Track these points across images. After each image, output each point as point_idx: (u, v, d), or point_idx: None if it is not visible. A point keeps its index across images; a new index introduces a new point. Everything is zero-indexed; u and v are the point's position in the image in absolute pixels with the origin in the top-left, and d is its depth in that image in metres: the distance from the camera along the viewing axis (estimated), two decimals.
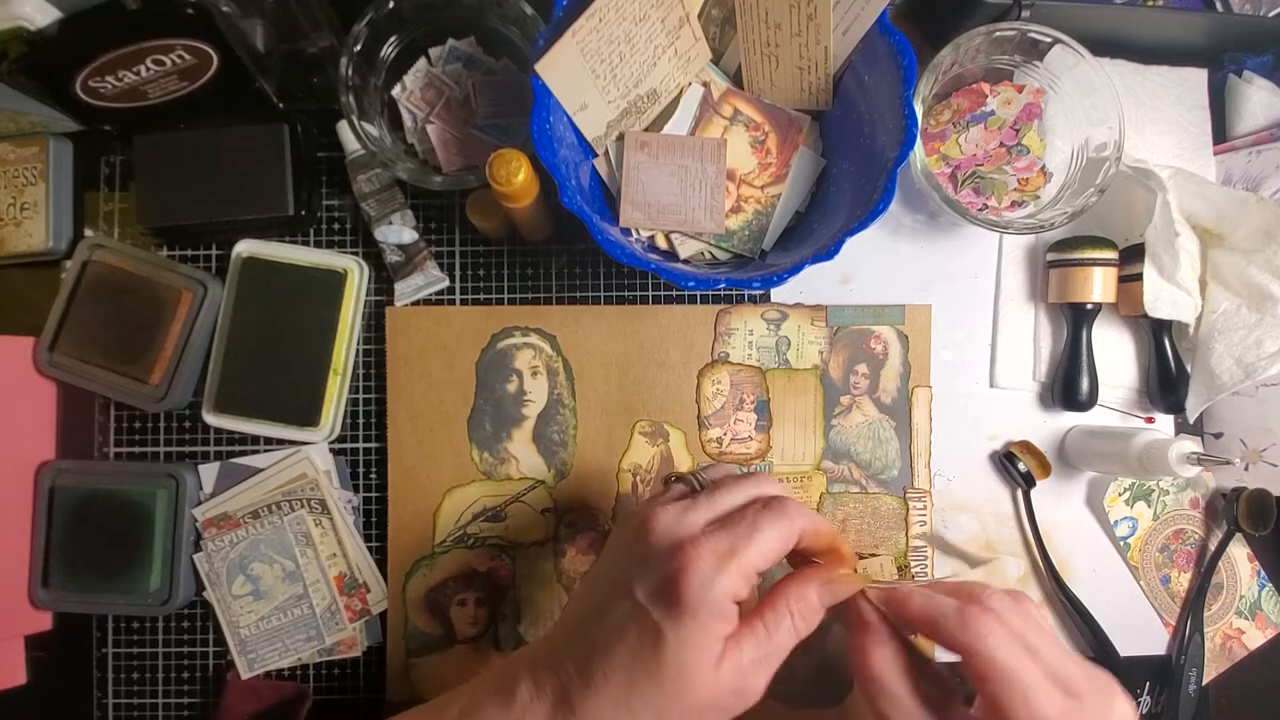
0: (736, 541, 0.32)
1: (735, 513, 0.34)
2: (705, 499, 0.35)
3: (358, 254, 0.55)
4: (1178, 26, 0.56)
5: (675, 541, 0.33)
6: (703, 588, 0.31)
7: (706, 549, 0.32)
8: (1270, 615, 0.58)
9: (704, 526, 0.34)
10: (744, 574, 0.32)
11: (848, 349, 0.56)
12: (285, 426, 0.53)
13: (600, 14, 0.43)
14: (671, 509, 0.34)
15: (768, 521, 0.33)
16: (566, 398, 0.55)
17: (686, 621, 0.31)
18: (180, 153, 0.52)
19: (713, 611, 0.31)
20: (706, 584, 0.31)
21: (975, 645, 0.30)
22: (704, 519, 0.34)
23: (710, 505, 0.35)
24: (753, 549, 0.32)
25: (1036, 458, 0.56)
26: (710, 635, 0.31)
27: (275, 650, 0.53)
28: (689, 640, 0.31)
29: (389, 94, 0.54)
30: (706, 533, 0.33)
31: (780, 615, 0.33)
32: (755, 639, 0.32)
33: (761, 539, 0.33)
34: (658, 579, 0.32)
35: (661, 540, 0.33)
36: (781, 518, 0.34)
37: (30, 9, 0.42)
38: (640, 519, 0.35)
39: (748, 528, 0.33)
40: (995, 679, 0.30)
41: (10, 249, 0.53)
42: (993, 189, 0.55)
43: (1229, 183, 0.57)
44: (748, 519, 0.33)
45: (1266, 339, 0.51)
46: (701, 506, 0.35)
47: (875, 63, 0.47)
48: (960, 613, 0.31)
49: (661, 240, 0.53)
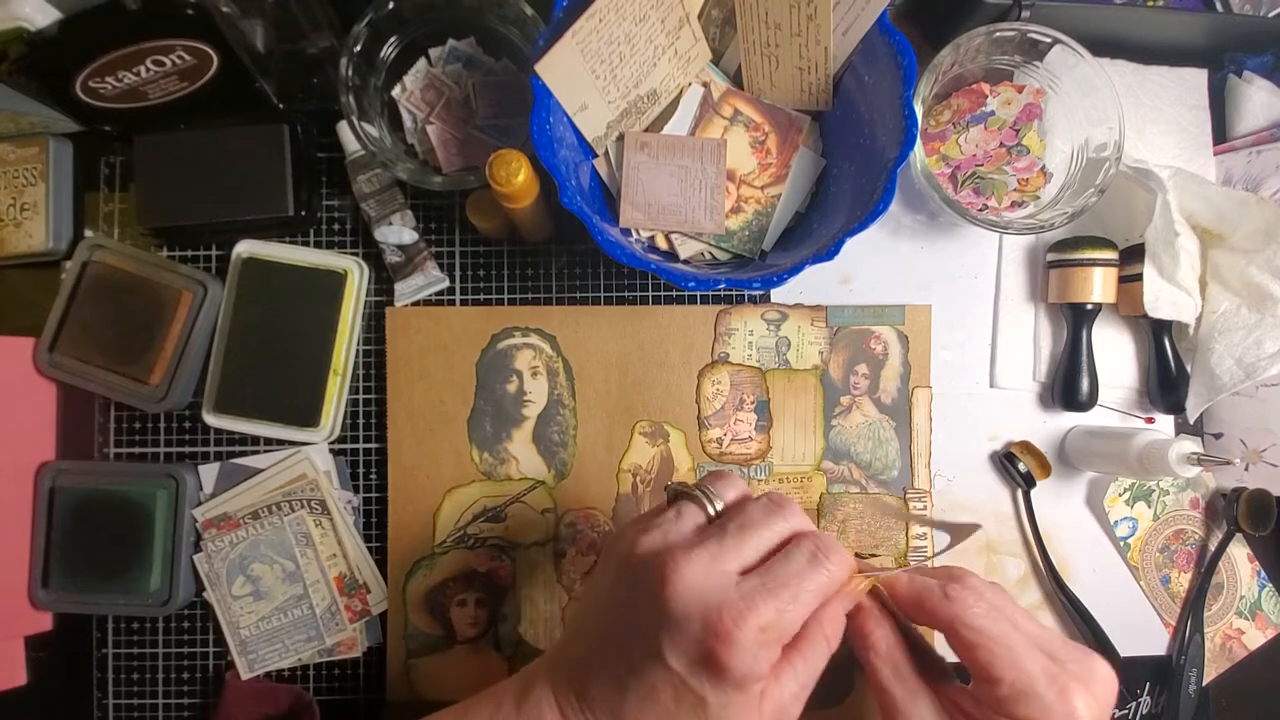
0: (781, 612, 0.30)
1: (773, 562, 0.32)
2: (732, 542, 0.32)
3: (358, 254, 0.55)
4: (1178, 26, 0.56)
5: (711, 606, 0.30)
6: (749, 665, 0.29)
7: (750, 625, 0.29)
8: (1270, 615, 0.58)
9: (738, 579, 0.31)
10: (784, 641, 0.31)
11: (848, 349, 0.56)
12: (285, 427, 0.53)
13: (600, 14, 0.43)
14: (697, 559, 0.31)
15: (811, 582, 0.31)
16: (566, 398, 0.55)
17: (730, 692, 0.30)
18: (180, 153, 0.52)
19: (757, 680, 0.30)
20: (752, 661, 0.29)
21: (960, 615, 0.32)
22: (734, 570, 0.31)
23: (738, 550, 0.32)
24: (796, 617, 0.31)
25: (1036, 458, 0.56)
26: (751, 696, 0.31)
27: (275, 651, 0.53)
28: (732, 704, 0.30)
29: (389, 94, 0.54)
30: (744, 598, 0.30)
31: (816, 642, 0.32)
32: (794, 672, 0.32)
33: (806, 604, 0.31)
34: (696, 651, 0.30)
35: (694, 603, 0.30)
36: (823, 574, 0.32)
37: (30, 9, 0.41)
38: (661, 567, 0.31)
39: (792, 594, 0.31)
40: (982, 645, 0.31)
41: (10, 249, 0.53)
42: (993, 189, 0.55)
43: (1229, 183, 0.57)
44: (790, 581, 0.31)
45: (1266, 339, 0.51)
46: (729, 552, 0.32)
47: (875, 63, 0.47)
48: (943, 588, 0.33)
49: (661, 240, 0.53)
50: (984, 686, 0.32)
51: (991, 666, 0.31)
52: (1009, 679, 0.30)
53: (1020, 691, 0.30)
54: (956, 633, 0.32)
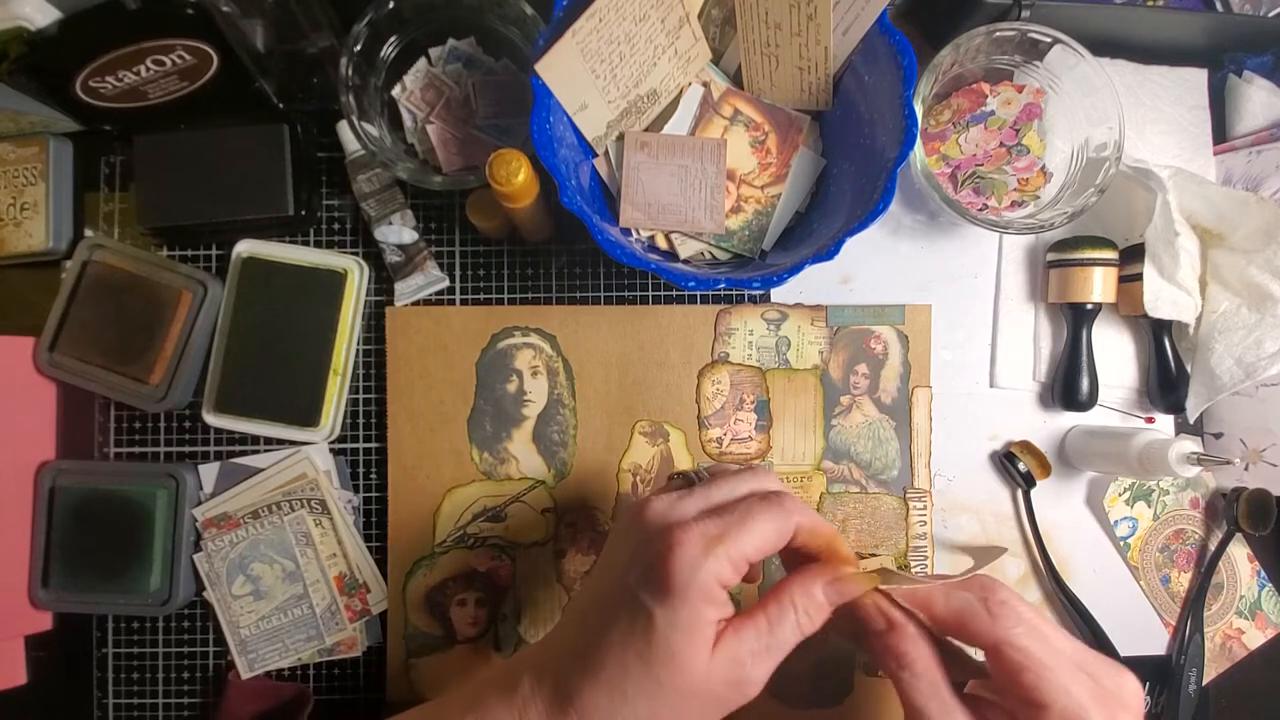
0: (727, 527, 0.32)
1: (730, 503, 0.34)
2: (701, 490, 0.35)
3: (358, 254, 0.55)
4: (1178, 26, 0.56)
5: (665, 525, 0.32)
6: (690, 570, 0.31)
7: (695, 532, 0.32)
8: (1270, 615, 0.58)
9: (696, 514, 0.33)
10: (733, 561, 0.31)
11: (848, 349, 0.56)
12: (285, 426, 0.53)
13: (600, 14, 0.43)
14: (666, 498, 0.34)
15: (761, 511, 0.33)
16: (566, 398, 0.55)
17: (674, 604, 0.30)
18: (180, 153, 0.52)
19: (701, 595, 0.31)
20: (694, 566, 0.31)
21: (1007, 636, 0.31)
22: (697, 507, 0.34)
23: (705, 495, 0.35)
24: (743, 536, 0.32)
25: (1036, 458, 0.56)
26: (700, 619, 0.31)
27: (275, 650, 0.53)
28: (678, 623, 0.30)
29: (389, 94, 0.54)
30: (696, 517, 0.33)
31: (784, 609, 0.32)
32: (755, 630, 0.32)
33: (753, 526, 0.32)
34: (647, 562, 0.32)
35: (652, 525, 0.33)
36: (777, 509, 0.33)
37: (30, 9, 0.42)
38: (635, 508, 0.35)
39: (740, 515, 0.33)
40: (1029, 669, 0.31)
41: (10, 249, 0.53)
42: (993, 189, 0.55)
43: (1229, 183, 0.57)
44: (741, 508, 0.33)
45: (1266, 339, 0.51)
46: (696, 496, 0.35)
47: (875, 63, 0.47)
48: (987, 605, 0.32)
49: (661, 240, 0.53)
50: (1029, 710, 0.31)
51: (1039, 691, 0.30)
52: (1059, 705, 0.30)
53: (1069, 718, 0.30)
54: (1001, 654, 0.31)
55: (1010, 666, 0.31)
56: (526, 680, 0.33)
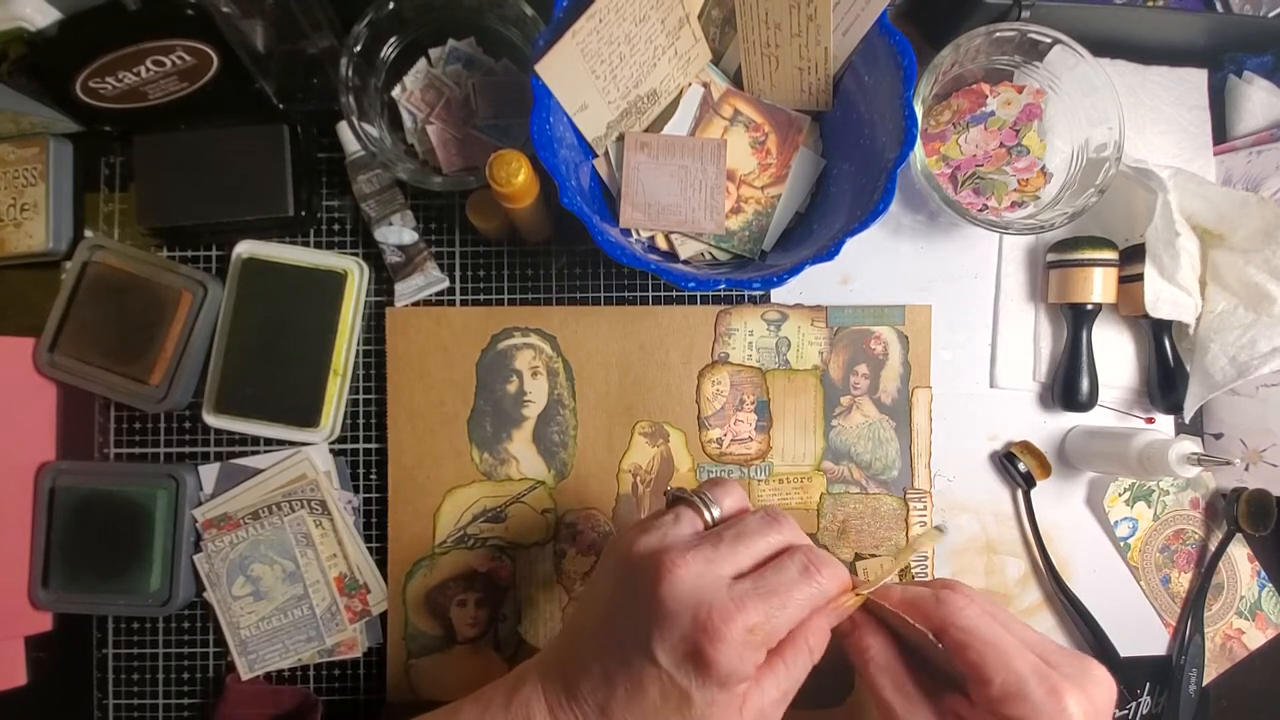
0: (769, 616, 0.31)
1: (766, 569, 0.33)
2: (727, 548, 0.33)
3: (358, 254, 0.55)
4: (1178, 26, 0.56)
5: (701, 604, 0.31)
6: (734, 664, 0.30)
7: (738, 625, 0.30)
8: (1270, 615, 0.58)
9: (730, 583, 0.32)
10: (770, 645, 0.32)
11: (848, 349, 0.56)
12: (285, 427, 0.53)
13: (600, 15, 0.43)
14: (692, 561, 0.32)
15: (801, 592, 0.32)
16: (566, 398, 0.55)
17: (714, 690, 0.31)
18: (180, 153, 0.52)
19: (740, 680, 0.31)
20: (738, 660, 0.30)
21: (951, 617, 0.33)
22: (728, 574, 0.32)
23: (733, 556, 0.33)
24: (783, 623, 0.32)
25: (1036, 458, 0.56)
26: (735, 696, 0.31)
27: (276, 651, 0.53)
28: (715, 703, 0.31)
29: (389, 95, 0.54)
30: (735, 599, 0.31)
31: (800, 651, 0.33)
32: (776, 678, 0.32)
33: (793, 612, 0.32)
34: (685, 647, 0.31)
35: (685, 600, 0.31)
36: (813, 586, 0.32)
37: (30, 9, 0.41)
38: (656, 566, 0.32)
39: (781, 601, 0.32)
40: (972, 646, 0.32)
41: (10, 249, 0.53)
42: (993, 189, 0.55)
43: (1229, 183, 0.57)
44: (781, 589, 0.32)
45: (1260, 338, 0.51)
46: (724, 557, 0.33)
47: (875, 63, 0.47)
48: (935, 594, 0.34)
49: (661, 241, 0.53)
50: (977, 688, 0.32)
51: (981, 667, 0.31)
52: (999, 679, 0.31)
53: (1010, 692, 0.31)
54: (948, 634, 0.33)
55: (956, 645, 0.32)
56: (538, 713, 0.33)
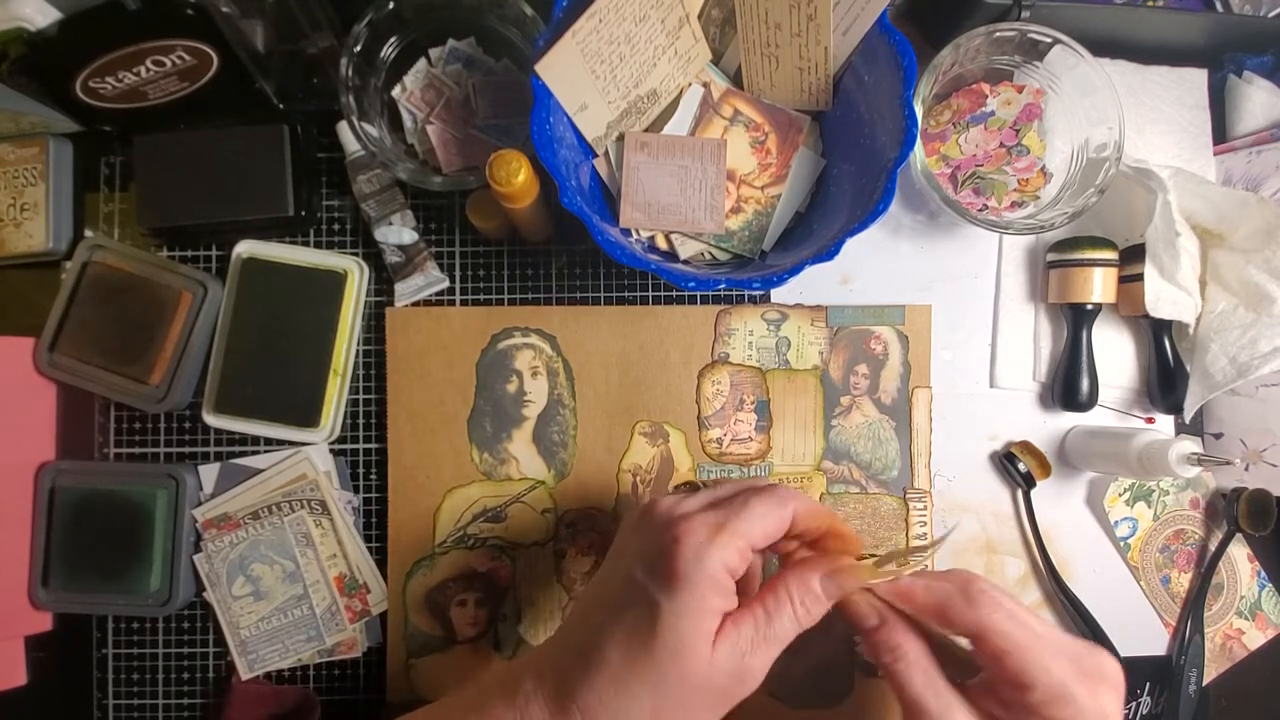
0: (729, 515, 0.33)
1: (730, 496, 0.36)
2: (705, 490, 0.37)
3: (358, 254, 0.55)
4: (1178, 26, 0.56)
5: (670, 519, 0.34)
6: (696, 557, 0.32)
7: (698, 521, 0.33)
8: (1270, 615, 0.58)
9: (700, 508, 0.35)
10: (737, 547, 0.33)
11: (848, 349, 0.56)
12: (285, 427, 0.53)
13: (600, 14, 0.43)
14: (671, 497, 0.36)
15: (758, 499, 0.34)
16: (566, 398, 0.55)
17: (681, 591, 0.31)
18: (180, 153, 0.52)
19: (707, 582, 0.31)
20: (699, 553, 0.32)
21: (987, 623, 0.32)
22: (700, 503, 0.35)
23: (708, 493, 0.36)
24: (744, 520, 0.33)
25: (1036, 458, 0.56)
26: (705, 606, 0.31)
27: (276, 651, 0.53)
28: (684, 611, 0.31)
29: (389, 94, 0.54)
30: (699, 509, 0.34)
31: (780, 599, 0.33)
32: (754, 620, 0.32)
33: (752, 512, 0.34)
34: (653, 555, 0.33)
35: (658, 521, 0.34)
36: (772, 497, 0.35)
37: (30, 9, 0.42)
38: (642, 508, 0.36)
39: (740, 503, 0.34)
40: (1011, 652, 0.31)
41: (10, 249, 0.53)
42: (993, 189, 0.55)
43: (1229, 183, 0.57)
44: (740, 497, 0.35)
45: (1261, 338, 0.51)
46: (700, 495, 0.36)
47: (875, 63, 0.47)
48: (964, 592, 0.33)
49: (661, 241, 0.53)
50: (1014, 691, 0.31)
51: (1023, 672, 0.31)
52: (1042, 683, 0.31)
53: (1055, 695, 0.31)
54: (985, 639, 0.32)
55: (993, 650, 0.32)
56: (528, 680, 0.33)
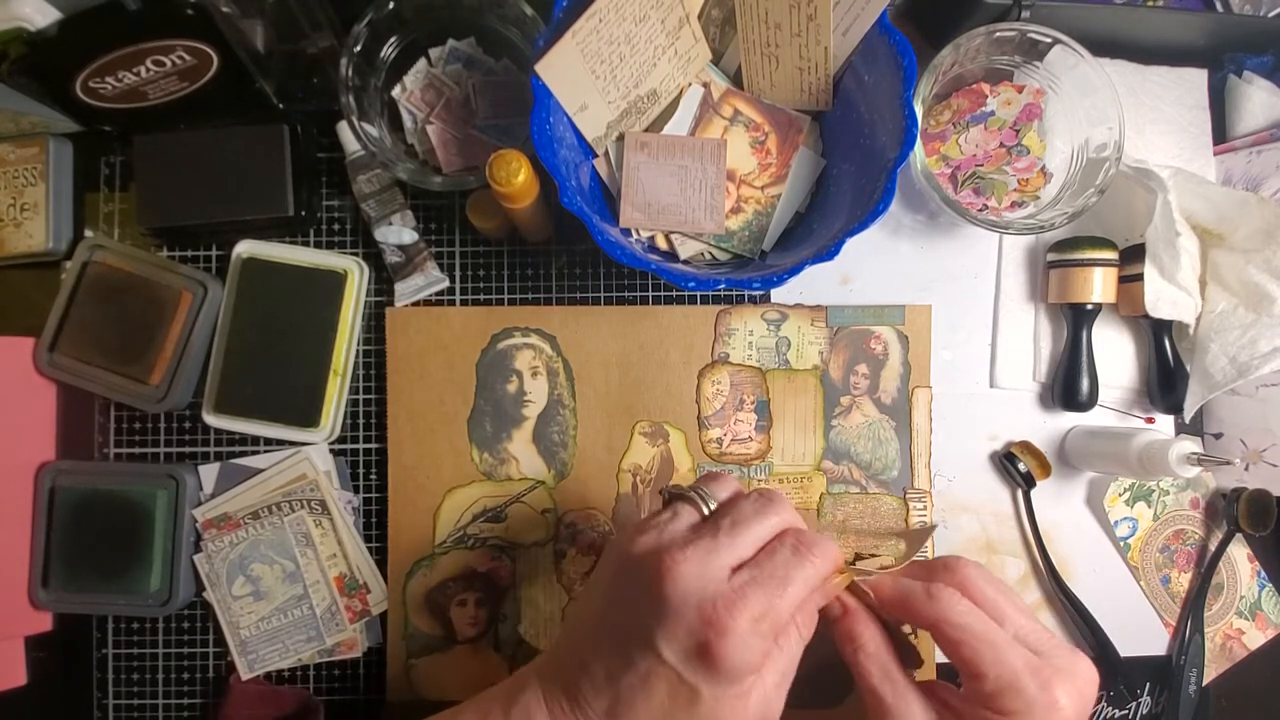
0: (771, 601, 0.31)
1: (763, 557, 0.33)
2: (726, 538, 0.33)
3: (358, 254, 0.55)
4: (1178, 26, 0.56)
5: (705, 599, 0.31)
6: (742, 656, 0.30)
7: (742, 615, 0.30)
8: (1270, 615, 0.58)
9: (731, 574, 0.32)
10: (775, 631, 0.32)
11: (848, 349, 0.56)
12: (285, 427, 0.53)
13: (600, 14, 0.43)
14: (692, 555, 0.32)
15: (799, 574, 0.32)
16: (566, 398, 0.55)
17: (724, 684, 0.31)
18: (180, 153, 0.52)
19: (751, 671, 0.31)
20: (745, 651, 0.30)
21: (944, 614, 0.32)
22: (728, 564, 0.32)
23: (732, 545, 0.33)
24: (785, 607, 0.31)
25: (1036, 458, 0.56)
26: (745, 688, 0.31)
27: (276, 651, 0.53)
28: (725, 697, 0.31)
29: (389, 94, 0.54)
30: (736, 588, 0.31)
31: (792, 635, 0.33)
32: (774, 663, 0.32)
33: (795, 593, 0.32)
34: (691, 643, 0.31)
35: (689, 596, 0.31)
36: (811, 566, 0.32)
37: (30, 9, 0.41)
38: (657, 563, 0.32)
39: (780, 583, 0.32)
40: (965, 641, 0.32)
41: (10, 249, 0.53)
42: (993, 189, 0.55)
43: (1229, 183, 0.57)
44: (779, 572, 0.32)
45: (1261, 338, 0.51)
46: (723, 548, 0.32)
47: (875, 63, 0.47)
48: (926, 588, 0.33)
49: (661, 241, 0.53)
50: (970, 682, 0.32)
51: (975, 662, 0.31)
52: (993, 674, 0.31)
53: (1004, 685, 0.31)
54: (941, 631, 0.32)
55: (949, 641, 0.32)
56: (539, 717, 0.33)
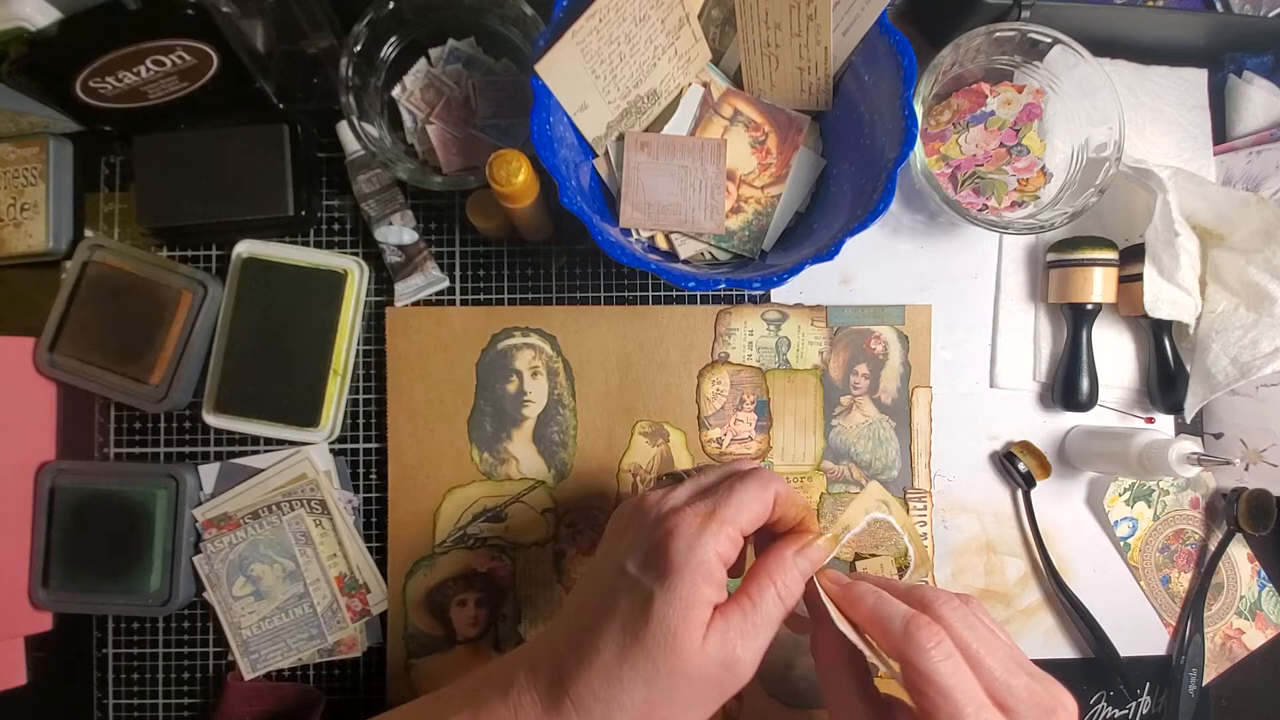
0: (716, 503, 0.34)
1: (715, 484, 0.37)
2: (690, 480, 0.37)
3: (358, 254, 0.55)
4: (1178, 26, 0.56)
5: (661, 514, 0.34)
6: (688, 548, 0.32)
7: (689, 512, 0.34)
8: (1270, 615, 0.58)
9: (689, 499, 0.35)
10: (728, 534, 0.33)
11: (848, 349, 0.56)
12: (285, 427, 0.53)
13: (600, 14, 0.43)
14: (659, 491, 0.37)
15: (742, 484, 0.35)
16: (566, 398, 0.55)
17: (674, 581, 0.31)
18: (180, 153, 0.52)
19: (700, 571, 0.32)
20: (692, 543, 0.32)
21: (915, 659, 0.31)
22: (688, 493, 0.36)
23: (694, 483, 0.37)
24: (731, 508, 0.34)
25: (1036, 458, 0.56)
26: (698, 596, 0.31)
27: (278, 650, 0.53)
28: (676, 601, 0.31)
29: (389, 94, 0.54)
30: (689, 501, 0.35)
31: (763, 585, 0.34)
32: (741, 610, 0.33)
33: (738, 498, 0.34)
34: (647, 548, 0.33)
35: (649, 515, 0.35)
36: (755, 479, 0.35)
37: (30, 9, 0.42)
38: (630, 503, 0.37)
39: (725, 490, 0.35)
40: (929, 693, 0.30)
41: (10, 249, 0.53)
42: (993, 189, 0.55)
43: (1229, 183, 0.57)
44: (724, 484, 0.36)
45: (1263, 339, 0.51)
46: (686, 485, 0.37)
47: (875, 63, 0.47)
48: (904, 623, 0.32)
49: (661, 240, 0.53)
50: None
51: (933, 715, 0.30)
52: None
53: None
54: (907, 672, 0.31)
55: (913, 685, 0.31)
56: (522, 674, 0.33)
